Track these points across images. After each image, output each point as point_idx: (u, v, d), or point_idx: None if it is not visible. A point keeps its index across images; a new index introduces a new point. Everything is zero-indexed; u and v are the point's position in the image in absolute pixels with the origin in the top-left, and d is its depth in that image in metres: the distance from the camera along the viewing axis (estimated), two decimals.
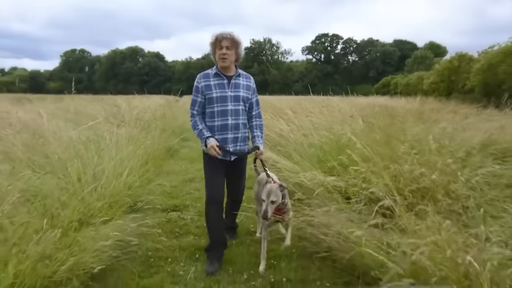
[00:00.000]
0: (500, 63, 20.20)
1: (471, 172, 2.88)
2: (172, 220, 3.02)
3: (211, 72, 2.39)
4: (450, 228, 1.84)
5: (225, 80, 2.35)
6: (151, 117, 6.55)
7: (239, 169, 2.53)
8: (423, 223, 1.99)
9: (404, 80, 39.51)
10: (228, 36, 2.30)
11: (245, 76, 2.47)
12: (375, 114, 4.91)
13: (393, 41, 66.47)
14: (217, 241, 2.39)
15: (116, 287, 1.98)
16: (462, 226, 2.10)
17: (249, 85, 2.46)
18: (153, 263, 2.32)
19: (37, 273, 1.51)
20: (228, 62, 2.32)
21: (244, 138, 2.45)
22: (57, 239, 1.71)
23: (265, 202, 2.11)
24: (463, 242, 1.75)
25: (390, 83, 43.90)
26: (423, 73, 34.31)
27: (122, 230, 2.26)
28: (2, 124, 3.65)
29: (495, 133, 4.18)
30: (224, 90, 2.33)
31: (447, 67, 27.77)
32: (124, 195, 2.81)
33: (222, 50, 2.29)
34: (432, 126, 4.35)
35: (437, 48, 57.50)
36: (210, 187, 2.38)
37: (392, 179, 2.65)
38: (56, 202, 2.07)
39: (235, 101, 2.35)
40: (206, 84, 2.34)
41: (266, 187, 2.16)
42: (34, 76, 70.25)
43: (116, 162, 3.19)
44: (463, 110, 7.25)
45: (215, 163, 2.35)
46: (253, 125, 2.53)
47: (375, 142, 3.17)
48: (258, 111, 2.56)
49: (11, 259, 1.49)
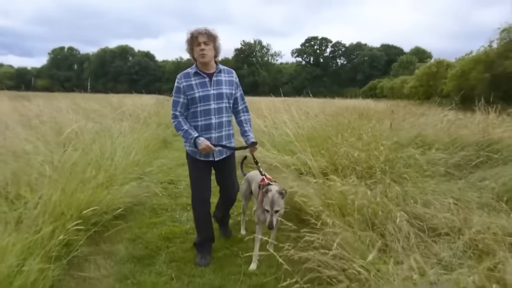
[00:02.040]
0: (471, 70, 21.84)
1: (390, 154, 3.92)
2: (169, 189, 3.97)
3: (191, 71, 2.29)
4: (356, 182, 2.86)
5: (206, 78, 2.27)
6: (147, 114, 7.46)
7: (226, 168, 2.44)
8: (343, 180, 3.01)
9: (389, 83, 41.25)
10: (204, 31, 2.21)
11: (227, 71, 2.37)
12: (336, 113, 5.96)
13: (380, 46, 67.68)
14: (205, 238, 2.41)
15: (135, 220, 2.96)
16: (368, 185, 3.13)
17: (231, 80, 2.36)
18: (158, 211, 3.26)
19: (90, 203, 2.45)
20: (208, 58, 2.23)
21: (228, 135, 2.37)
22: (98, 185, 2.66)
23: (269, 212, 2.09)
24: (364, 190, 2.76)
25: (376, 86, 45.59)
26: (406, 78, 36.03)
27: (135, 189, 3.22)
28: (32, 115, 4.52)
29: (426, 129, 5.27)
30: (206, 88, 2.25)
31: (426, 73, 29.50)
32: (134, 168, 3.76)
33: (200, 46, 2.19)
34: (377, 123, 5.42)
35: (422, 53, 59.43)
36: (195, 189, 2.36)
37: (331, 157, 3.69)
38: (91, 168, 3.00)
39: (218, 99, 2.27)
40: (188, 84, 2.25)
41: (268, 196, 2.12)
42: (21, 74, 69.09)
43: (125, 145, 4.12)
44: (419, 111, 8.39)
45: (199, 164, 2.32)
46: (241, 120, 2.45)
47: (326, 133, 4.21)
48: (245, 105, 2.47)
49: (76, 190, 2.44)
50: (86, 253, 2.30)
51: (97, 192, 2.69)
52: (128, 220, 2.92)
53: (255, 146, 2.43)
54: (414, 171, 3.84)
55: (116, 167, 3.42)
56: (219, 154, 2.35)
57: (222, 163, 2.39)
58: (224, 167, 2.43)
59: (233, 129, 2.43)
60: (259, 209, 2.34)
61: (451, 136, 4.93)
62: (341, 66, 70.14)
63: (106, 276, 2.13)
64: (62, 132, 3.89)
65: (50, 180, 2.27)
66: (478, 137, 4.52)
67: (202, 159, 2.31)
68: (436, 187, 3.27)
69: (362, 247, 1.84)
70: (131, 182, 3.31)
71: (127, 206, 3.01)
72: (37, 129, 3.89)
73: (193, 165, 2.36)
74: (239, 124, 2.48)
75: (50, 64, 74.18)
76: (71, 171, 2.58)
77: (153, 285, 2.05)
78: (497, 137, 4.43)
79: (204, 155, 2.29)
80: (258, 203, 2.38)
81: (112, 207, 2.75)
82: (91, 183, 2.69)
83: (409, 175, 3.62)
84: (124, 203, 2.92)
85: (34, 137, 3.35)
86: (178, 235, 2.75)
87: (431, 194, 3.02)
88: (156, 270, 2.23)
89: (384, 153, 3.78)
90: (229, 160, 2.44)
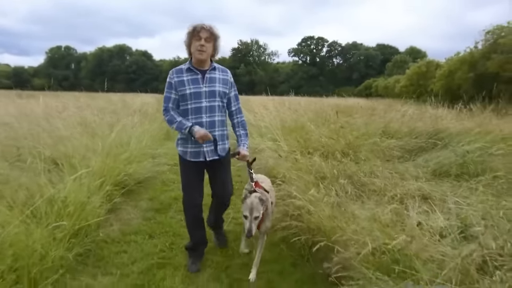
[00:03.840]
0: (457, 70, 22.89)
1: (357, 141, 4.87)
2: (174, 169, 4.89)
3: (184, 67, 2.22)
4: (317, 159, 3.80)
5: (199, 75, 2.18)
6: (152, 110, 8.38)
7: (219, 169, 2.31)
8: (310, 160, 3.95)
9: (383, 83, 42.29)
10: (208, 28, 2.15)
11: (221, 69, 2.29)
12: (320, 110, 6.91)
13: (376, 45, 68.29)
14: (197, 242, 2.36)
15: (151, 188, 3.91)
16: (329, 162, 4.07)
17: (226, 79, 2.27)
18: (167, 183, 4.21)
19: (121, 172, 3.37)
20: (205, 55, 2.16)
21: (222, 136, 2.26)
22: (124, 161, 3.59)
23: (248, 218, 1.97)
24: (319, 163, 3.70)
25: (371, 85, 46.49)
26: (399, 77, 37.10)
27: (149, 166, 4.15)
28: (55, 111, 5.43)
29: (392, 122, 6.22)
30: (198, 85, 2.17)
31: (416, 72, 30.56)
32: (146, 151, 4.69)
33: (200, 41, 2.13)
34: (352, 118, 6.38)
35: (417, 52, 59.78)
36: (186, 192, 2.28)
37: (305, 142, 4.64)
38: (118, 149, 3.93)
39: (211, 97, 2.18)
40: (179, 80, 2.17)
41: (246, 202, 2.01)
42: (18, 72, 69.11)
43: (138, 134, 5.04)
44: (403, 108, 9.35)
45: (190, 166, 2.23)
46: (235, 123, 2.37)
47: (304, 125, 5.15)
48: (238, 106, 2.37)
49: (111, 162, 3.36)
50: (121, 204, 3.23)
51: (124, 165, 3.62)
52: (146, 187, 3.87)
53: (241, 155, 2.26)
54: (375, 155, 4.79)
55: (133, 150, 4.35)
56: (212, 155, 2.22)
57: (215, 164, 2.27)
58: (217, 169, 2.30)
59: (227, 130, 2.33)
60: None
61: (410, 128, 5.88)
62: (337, 65, 70.71)
63: (135, 218, 3.10)
64: (87, 123, 4.81)
65: (95, 155, 3.20)
66: (429, 128, 5.47)
67: (193, 160, 2.21)
68: (388, 166, 4.21)
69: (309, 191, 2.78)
70: (145, 161, 4.25)
71: (144, 177, 3.98)
72: (67, 121, 4.78)
73: (183, 167, 2.28)
74: (233, 128, 2.39)
75: (47, 63, 73.83)
76: (107, 150, 3.51)
77: (168, 223, 3.00)
78: (443, 127, 5.39)
79: (195, 156, 2.20)
80: None
81: (135, 176, 3.68)
82: (120, 159, 3.62)
83: (368, 157, 4.56)
84: (142, 174, 3.89)
85: (70, 126, 4.26)
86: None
87: (380, 170, 3.96)
88: (170, 215, 3.18)
89: (349, 140, 4.73)
90: (222, 161, 2.30)
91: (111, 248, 2.51)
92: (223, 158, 2.30)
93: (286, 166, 3.55)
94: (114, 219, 2.99)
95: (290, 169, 3.36)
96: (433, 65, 30.01)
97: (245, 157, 2.27)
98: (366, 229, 2.09)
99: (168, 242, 2.64)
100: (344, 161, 4.08)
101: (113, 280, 2.09)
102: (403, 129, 5.91)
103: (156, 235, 2.77)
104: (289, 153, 3.98)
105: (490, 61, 19.38)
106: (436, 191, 3.19)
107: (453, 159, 4.14)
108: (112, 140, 3.81)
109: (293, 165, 3.53)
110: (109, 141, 3.71)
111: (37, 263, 1.85)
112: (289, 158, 3.77)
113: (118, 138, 4.14)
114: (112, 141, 3.78)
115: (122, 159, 3.69)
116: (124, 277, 2.14)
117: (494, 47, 19.97)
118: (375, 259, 1.84)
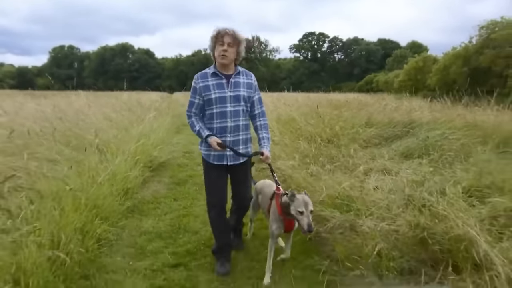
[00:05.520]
0: (452, 65, 23.56)
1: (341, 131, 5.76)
2: (186, 156, 5.82)
3: (208, 71, 2.26)
4: (303, 144, 4.71)
5: (223, 80, 2.23)
6: (163, 107, 9.34)
7: (240, 174, 2.37)
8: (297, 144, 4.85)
9: (384, 77, 42.78)
10: (231, 33, 2.20)
11: (245, 73, 2.35)
12: (314, 104, 7.82)
13: (377, 40, 68.18)
14: (223, 244, 2.37)
15: (170, 168, 4.86)
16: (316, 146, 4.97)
17: (250, 82, 2.33)
18: (182, 165, 5.16)
19: (150, 154, 4.31)
20: (228, 60, 2.21)
21: (245, 140, 2.32)
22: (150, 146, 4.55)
23: (305, 213, 1.98)
24: (304, 146, 4.60)
25: (372, 80, 46.80)
26: (399, 72, 37.69)
27: (167, 151, 5.10)
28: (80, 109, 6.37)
29: (374, 114, 7.08)
30: (223, 90, 2.21)
31: (413, 67, 31.23)
32: (163, 141, 5.62)
33: (223, 46, 2.17)
34: (340, 111, 7.26)
35: (418, 47, 59.52)
36: (210, 193, 2.33)
37: (296, 131, 5.54)
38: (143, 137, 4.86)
39: (235, 101, 2.22)
40: (204, 84, 2.22)
41: (298, 199, 2.03)
42: (22, 72, 69.06)
43: (155, 127, 5.97)
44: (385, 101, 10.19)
45: (213, 168, 2.29)
46: (257, 126, 2.38)
47: (295, 118, 6.05)
48: (262, 109, 2.40)
49: (138, 146, 4.30)
50: (149, 178, 4.17)
51: (150, 150, 4.57)
52: (166, 168, 4.85)
53: (264, 156, 2.26)
54: (356, 142, 5.67)
55: (153, 140, 5.28)
56: (233, 159, 2.28)
57: (236, 169, 2.32)
58: (238, 173, 2.36)
59: (251, 134, 2.39)
60: (273, 222, 2.23)
61: (389, 118, 6.75)
62: (339, 60, 70.29)
63: (162, 188, 4.06)
64: (112, 118, 5.74)
65: (129, 142, 4.14)
66: (405, 118, 6.33)
67: (215, 163, 2.27)
68: (366, 150, 5.09)
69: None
70: (163, 149, 5.19)
71: (164, 160, 4.93)
72: (96, 116, 5.71)
73: (207, 169, 2.34)
74: (255, 130, 2.41)
75: (50, 62, 73.43)
76: (137, 138, 4.45)
77: (187, 191, 3.96)
78: (416, 118, 6.25)
79: (218, 159, 2.26)
80: (273, 214, 2.26)
81: (158, 159, 4.64)
82: (147, 145, 4.57)
83: (349, 143, 5.45)
84: (163, 158, 4.85)
85: (100, 120, 5.18)
86: (196, 175, 4.63)
87: (356, 153, 4.85)
88: (187, 187, 4.15)
89: (335, 130, 5.62)
90: (243, 166, 2.36)
91: (148, 205, 3.47)
92: (245, 162, 2.34)
93: (277, 148, 4.46)
94: (146, 188, 3.96)
95: (279, 150, 4.27)
96: (430, 60, 30.64)
97: (268, 159, 2.28)
98: (328, 185, 3.00)
99: (189, 203, 3.58)
100: (329, 146, 4.99)
101: (154, 222, 3.04)
102: (384, 120, 6.78)
103: (179, 199, 3.72)
104: (280, 139, 4.89)
105: (482, 56, 20.07)
106: (395, 166, 4.08)
107: (416, 143, 5.03)
108: (140, 131, 4.74)
109: (283, 147, 4.44)
110: (138, 132, 4.64)
111: (106, 210, 2.79)
112: (280, 143, 4.68)
113: (143, 129, 5.07)
114: (140, 132, 4.71)
115: (148, 145, 4.62)
116: (161, 221, 3.09)
117: (487, 42, 20.64)
118: (330, 200, 2.75)
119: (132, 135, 4.65)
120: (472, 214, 2.29)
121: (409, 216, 2.31)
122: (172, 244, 2.67)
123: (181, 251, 2.55)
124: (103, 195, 2.84)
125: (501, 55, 18.37)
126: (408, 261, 2.12)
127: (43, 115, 4.65)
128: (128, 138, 4.51)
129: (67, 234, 2.09)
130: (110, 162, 3.43)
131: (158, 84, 54.84)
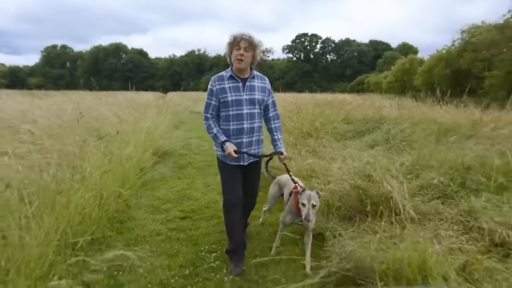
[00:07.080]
0: (435, 67, 24.79)
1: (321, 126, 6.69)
2: (186, 147, 6.69)
3: (225, 74, 2.36)
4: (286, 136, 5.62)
5: (240, 83, 2.33)
6: (161, 105, 10.18)
7: (254, 173, 2.51)
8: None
9: (374, 78, 43.96)
10: (247, 38, 2.28)
11: (260, 77, 2.45)
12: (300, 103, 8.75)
13: (368, 41, 69.56)
14: (238, 243, 2.43)
15: (172, 156, 5.74)
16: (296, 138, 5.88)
17: (264, 86, 2.43)
18: (182, 155, 6.05)
19: (156, 143, 5.18)
20: (244, 64, 2.30)
21: (258, 141, 2.45)
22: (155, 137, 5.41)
23: (306, 206, 2.19)
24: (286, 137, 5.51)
25: (363, 81, 47.95)
26: (388, 73, 38.93)
27: (169, 143, 5.97)
28: (91, 105, 7.18)
29: (352, 111, 8.04)
30: (239, 93, 2.32)
31: (400, 69, 32.49)
32: (164, 134, 6.50)
33: (239, 51, 2.27)
34: (320, 109, 8.20)
35: (409, 48, 60.55)
36: (227, 192, 2.40)
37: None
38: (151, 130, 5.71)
39: (251, 104, 2.33)
40: (221, 87, 2.31)
41: (305, 193, 2.23)
42: (13, 72, 68.35)
43: (156, 123, 6.82)
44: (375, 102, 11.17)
45: (229, 168, 2.37)
46: (272, 128, 2.50)
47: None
48: (276, 112, 2.52)
49: (147, 137, 5.15)
50: (156, 163, 5.05)
51: (156, 140, 5.43)
52: (169, 156, 5.73)
53: (282, 156, 2.43)
54: (333, 135, 6.60)
55: (157, 133, 6.14)
56: (249, 158, 2.40)
57: (252, 167, 2.45)
58: (253, 171, 2.49)
59: (262, 134, 2.51)
60: (288, 213, 2.47)
61: (364, 115, 7.70)
62: (331, 61, 71.10)
63: (167, 171, 4.94)
64: (120, 116, 6.58)
65: (138, 132, 5.00)
66: (376, 115, 7.30)
67: (232, 163, 2.36)
68: (340, 142, 6.01)
69: None
70: (165, 140, 6.06)
71: (167, 149, 5.80)
72: (105, 114, 6.53)
73: (223, 169, 2.42)
74: (269, 132, 2.53)
75: (43, 62, 73.07)
76: (145, 130, 5.31)
77: (188, 173, 4.85)
78: (386, 114, 7.23)
79: (236, 159, 2.34)
80: (288, 207, 2.49)
81: (162, 148, 5.50)
82: (153, 136, 5.42)
83: (326, 136, 6.37)
84: (165, 147, 5.74)
85: (110, 116, 6.01)
86: (195, 162, 5.53)
87: (330, 144, 5.77)
88: (188, 170, 5.06)
89: (315, 125, 6.54)
90: (257, 165, 2.51)
91: (158, 182, 4.36)
92: (258, 161, 2.50)
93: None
94: (155, 170, 4.85)
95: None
96: (416, 62, 31.90)
97: (285, 158, 2.48)
98: (298, 164, 3.91)
99: (190, 181, 4.49)
100: (309, 139, 5.91)
101: (164, 193, 3.95)
102: (359, 117, 7.74)
103: (182, 178, 4.63)
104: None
105: (462, 59, 21.28)
106: (358, 153, 5.01)
107: (381, 136, 5.98)
108: (147, 126, 5.62)
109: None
110: (146, 126, 5.52)
111: (129, 181, 3.66)
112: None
113: (149, 125, 5.95)
114: (147, 126, 5.59)
115: (155, 136, 5.49)
116: (169, 192, 3.99)
117: (467, 46, 21.86)
118: (300, 173, 3.67)
119: (139, 128, 5.49)
120: (400, 181, 3.21)
121: (351, 181, 3.22)
122: (180, 205, 3.57)
123: (187, 209, 3.44)
124: (127, 171, 3.70)
125: (478, 58, 19.55)
126: (348, 211, 3.04)
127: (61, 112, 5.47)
128: (136, 131, 5.36)
129: (108, 193, 2.97)
130: (127, 149, 4.28)
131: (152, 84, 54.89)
